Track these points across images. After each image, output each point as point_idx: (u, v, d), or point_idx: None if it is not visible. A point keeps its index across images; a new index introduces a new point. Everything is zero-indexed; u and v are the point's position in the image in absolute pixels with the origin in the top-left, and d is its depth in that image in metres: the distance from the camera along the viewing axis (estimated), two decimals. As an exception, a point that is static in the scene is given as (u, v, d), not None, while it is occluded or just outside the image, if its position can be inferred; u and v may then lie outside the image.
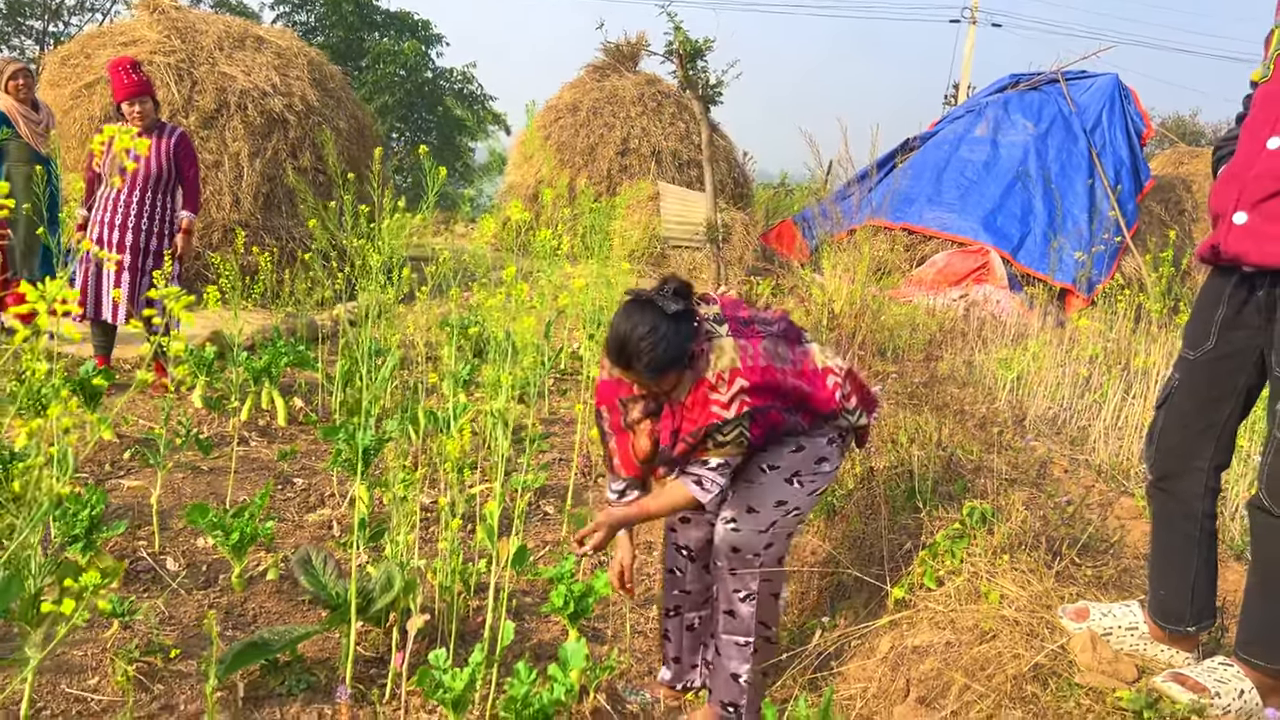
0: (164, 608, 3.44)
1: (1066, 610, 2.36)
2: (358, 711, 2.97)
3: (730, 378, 2.75)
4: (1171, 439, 2.17)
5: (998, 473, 3.65)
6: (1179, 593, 2.18)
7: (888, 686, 2.86)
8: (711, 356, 2.78)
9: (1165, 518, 2.21)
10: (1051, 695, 2.24)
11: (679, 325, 2.73)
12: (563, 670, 2.57)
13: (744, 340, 2.81)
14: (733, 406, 2.75)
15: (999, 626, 2.52)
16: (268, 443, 5.46)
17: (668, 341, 2.70)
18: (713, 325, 2.84)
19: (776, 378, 2.80)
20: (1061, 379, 5.68)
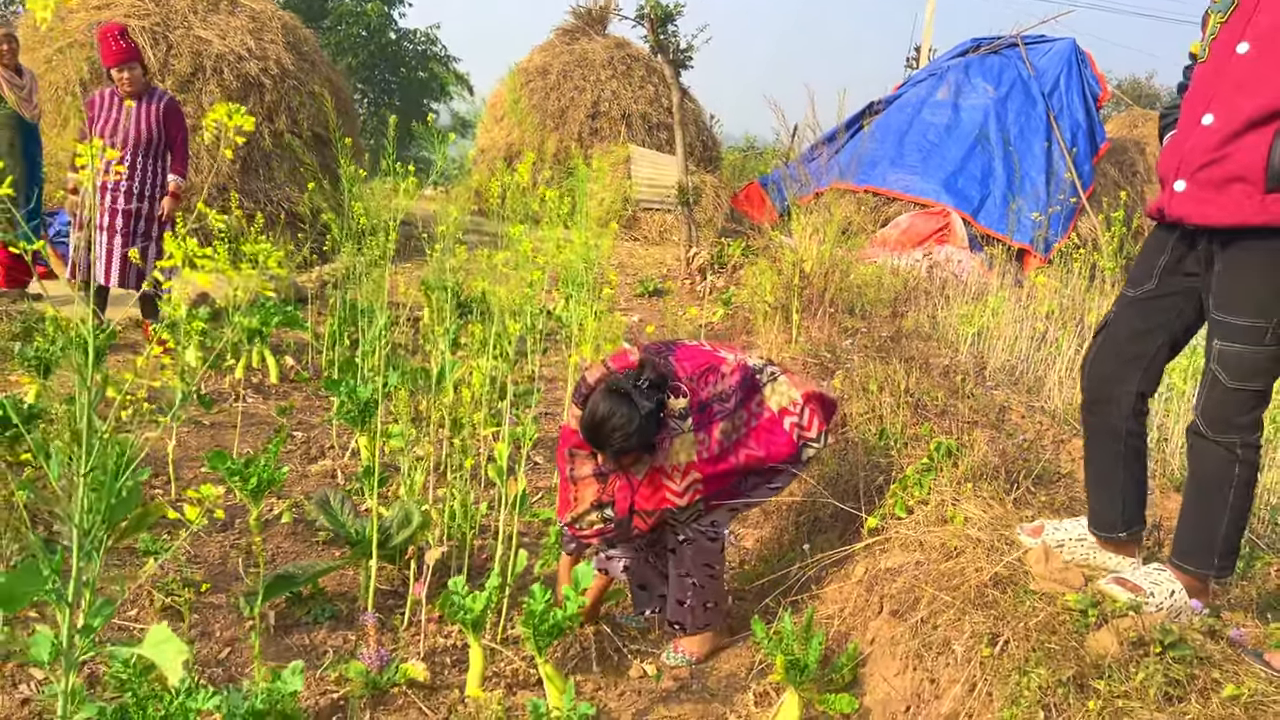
0: (189, 548, 3.67)
1: (1024, 528, 2.68)
2: (380, 636, 3.23)
3: (686, 469, 3.10)
4: (1104, 366, 2.47)
5: (961, 415, 3.96)
6: (1111, 503, 2.50)
7: (863, 605, 3.17)
8: (671, 448, 3.10)
9: (1096, 437, 2.52)
10: (1009, 600, 2.55)
11: (649, 421, 3.03)
12: (574, 590, 2.85)
13: (703, 433, 3.12)
14: (686, 495, 3.11)
15: (963, 545, 2.82)
16: (263, 399, 5.68)
17: (638, 434, 3.01)
18: (677, 421, 3.11)
19: (730, 464, 3.15)
20: (1019, 333, 6.01)
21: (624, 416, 2.99)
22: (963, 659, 2.54)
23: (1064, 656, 2.32)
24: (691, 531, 3.18)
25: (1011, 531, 2.82)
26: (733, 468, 3.14)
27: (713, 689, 3.19)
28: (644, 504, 3.13)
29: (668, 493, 3.09)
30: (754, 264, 9.11)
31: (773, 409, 3.26)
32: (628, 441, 3.02)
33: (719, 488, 3.15)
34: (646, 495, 3.12)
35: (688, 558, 3.20)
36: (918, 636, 2.73)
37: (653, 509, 3.12)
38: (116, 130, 5.94)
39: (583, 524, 3.28)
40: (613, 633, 3.41)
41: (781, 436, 3.22)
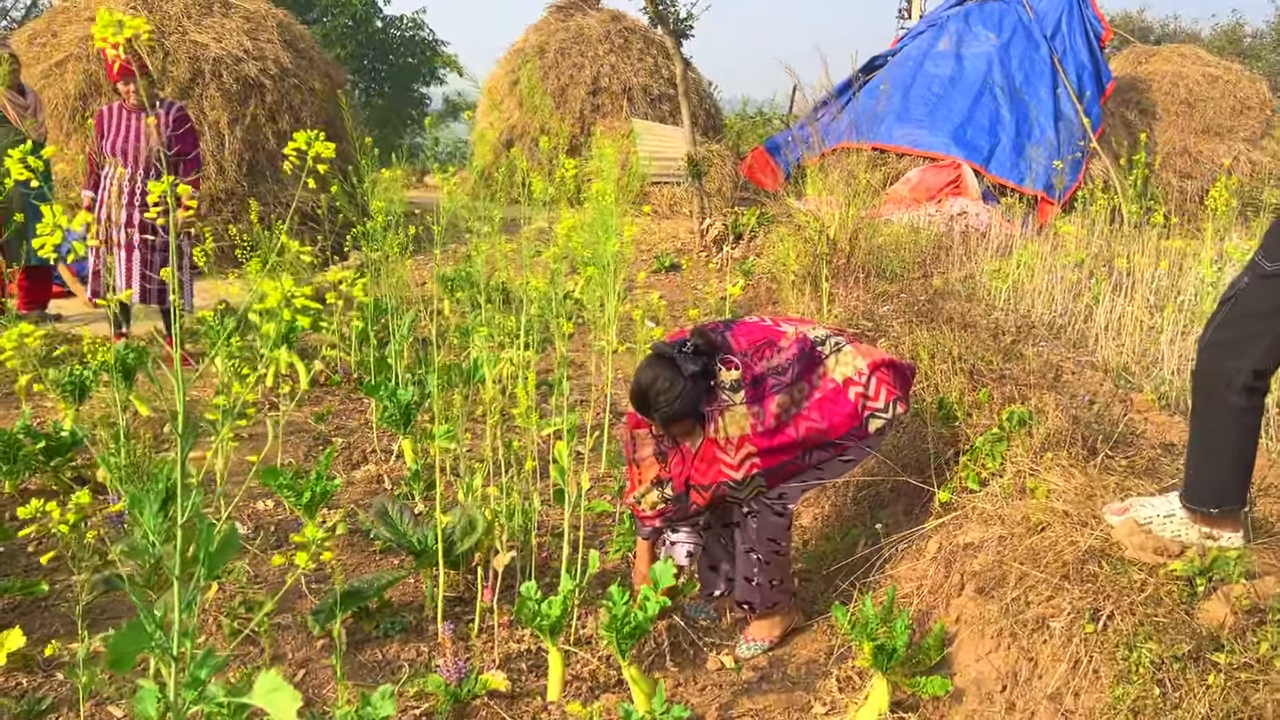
0: (249, 568, 3.62)
1: (1111, 508, 2.60)
2: (456, 646, 3.18)
3: (739, 443, 3.03)
4: (1224, 334, 2.36)
5: (1017, 379, 3.88)
6: (1209, 474, 2.40)
7: (941, 582, 3.11)
8: (722, 421, 3.04)
9: (1203, 406, 2.42)
10: (1108, 573, 2.48)
11: (695, 384, 3.02)
12: (653, 589, 2.79)
13: (757, 406, 3.05)
14: (742, 469, 3.04)
15: (1049, 518, 2.75)
16: (297, 407, 5.61)
17: (683, 399, 3.02)
18: (729, 393, 3.06)
19: (789, 437, 3.06)
20: (1053, 286, 5.92)
21: (667, 380, 3.01)
22: (1063, 636, 2.48)
23: (1175, 630, 2.25)
24: (757, 504, 3.12)
25: (1095, 502, 2.75)
26: (791, 441, 3.06)
27: (794, 677, 3.14)
28: (699, 478, 3.08)
29: (723, 466, 3.03)
30: (771, 232, 9.01)
31: (837, 380, 3.17)
32: (672, 406, 3.02)
33: (778, 462, 3.07)
34: (702, 470, 3.07)
35: (753, 531, 3.14)
36: (1009, 614, 2.67)
37: (708, 483, 3.06)
38: (128, 144, 5.85)
39: (644, 504, 3.25)
40: (685, 625, 3.36)
41: (845, 407, 3.13)
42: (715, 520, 3.37)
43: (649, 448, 3.26)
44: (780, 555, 3.20)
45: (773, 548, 3.17)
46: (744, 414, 3.04)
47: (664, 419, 3.07)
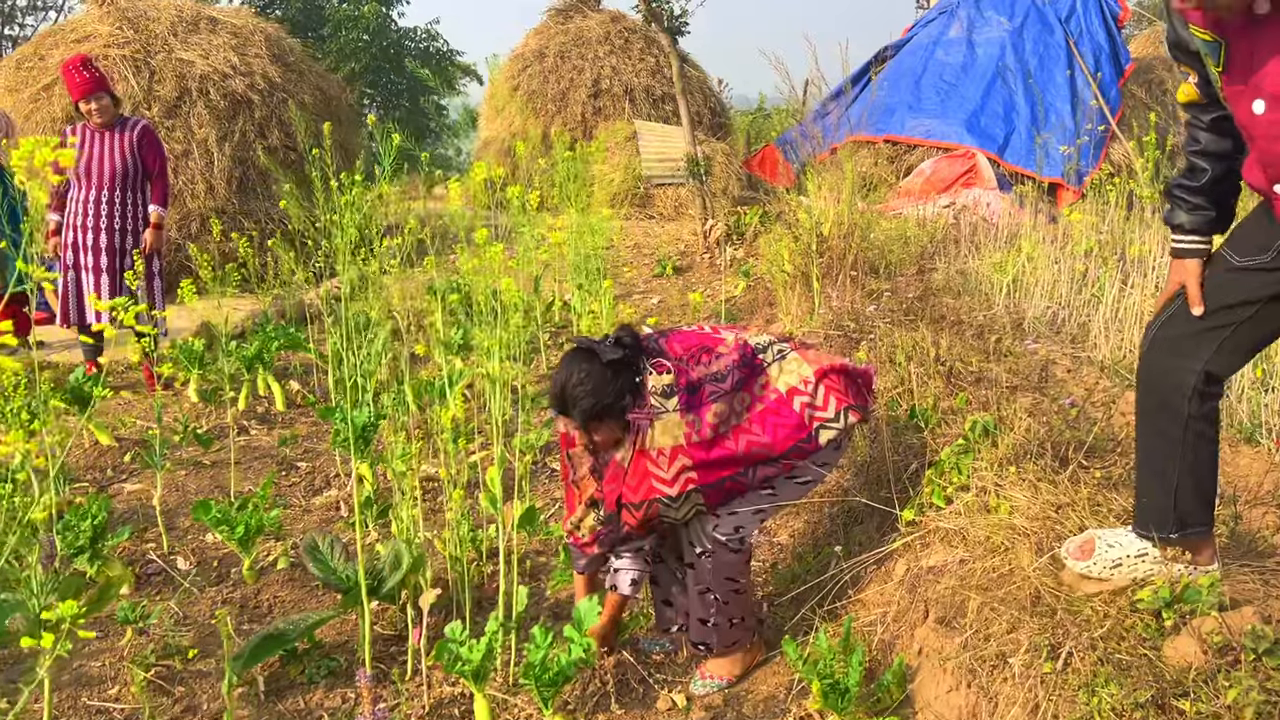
0: (178, 608, 3.42)
1: (1070, 548, 2.28)
2: (380, 691, 2.96)
3: (672, 455, 2.76)
4: (1173, 329, 2.09)
5: (999, 381, 3.61)
6: (1163, 497, 2.11)
7: (907, 609, 2.84)
8: (652, 431, 2.77)
9: (1148, 416, 2.14)
10: (1067, 604, 2.21)
11: (615, 375, 2.77)
12: (578, 630, 2.55)
13: (692, 414, 2.78)
14: (676, 484, 2.77)
15: (1010, 539, 2.49)
16: (268, 429, 5.44)
17: (601, 390, 2.75)
18: (659, 400, 2.79)
19: (728, 450, 2.78)
20: (1058, 276, 5.62)
21: (584, 371, 2.76)
22: (1021, 675, 2.21)
23: (1139, 670, 1.98)
24: (709, 541, 2.86)
25: (1065, 518, 2.48)
26: (730, 455, 2.78)
27: (749, 716, 2.88)
28: (630, 495, 2.80)
29: (654, 480, 2.76)
30: (769, 232, 8.74)
31: (780, 390, 2.90)
32: (591, 400, 2.74)
33: (717, 477, 2.79)
34: (633, 486, 2.79)
35: (707, 572, 2.88)
36: (969, 648, 2.41)
37: (640, 500, 2.78)
38: (91, 165, 5.70)
39: (582, 528, 3.00)
40: (635, 661, 3.11)
41: (790, 419, 2.86)
42: (668, 553, 3.12)
43: (586, 465, 3.01)
44: (739, 593, 2.94)
45: (731, 586, 2.91)
46: (677, 422, 2.77)
47: (583, 416, 2.77)
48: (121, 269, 5.83)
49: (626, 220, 11.19)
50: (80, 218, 5.74)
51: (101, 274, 5.79)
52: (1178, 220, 2.16)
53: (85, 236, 5.74)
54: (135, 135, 5.78)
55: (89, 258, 5.78)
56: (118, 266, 5.82)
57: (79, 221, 5.75)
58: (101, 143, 5.73)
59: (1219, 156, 2.11)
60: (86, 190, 5.70)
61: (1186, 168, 2.17)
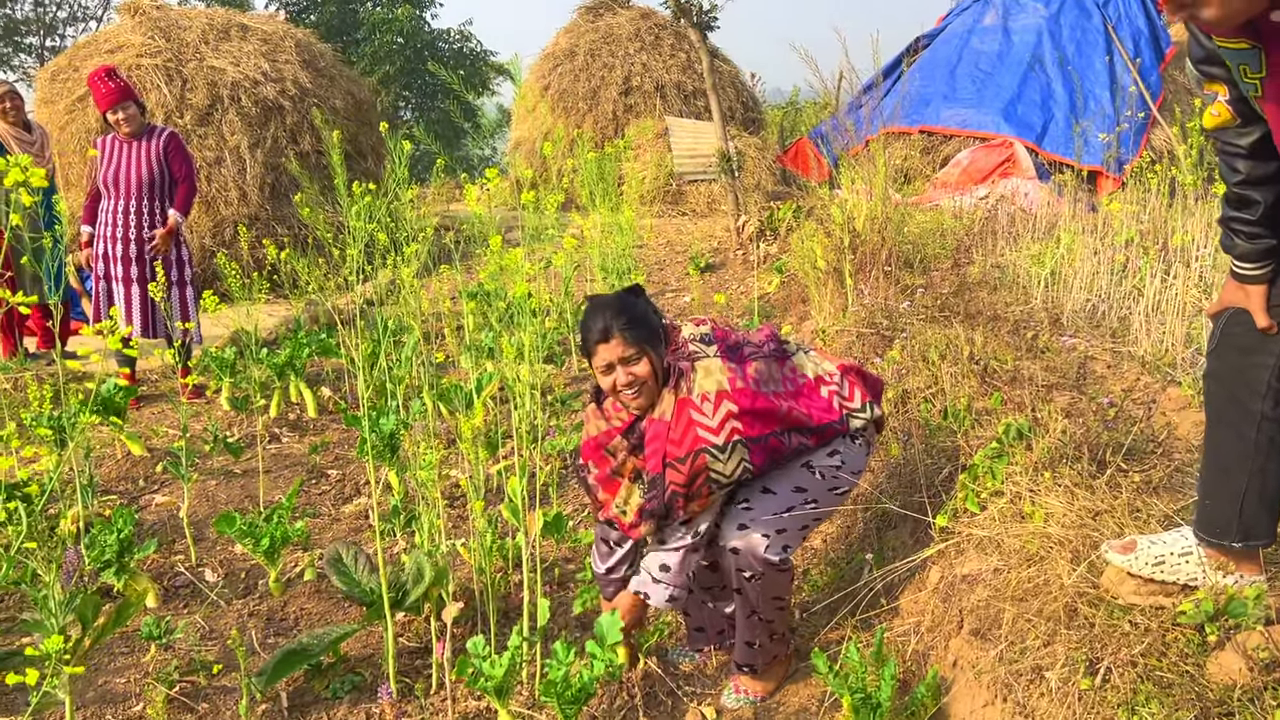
0: (203, 622, 3.41)
1: (1113, 545, 2.19)
2: (405, 706, 2.92)
3: (716, 399, 2.67)
4: (1239, 321, 1.97)
5: (1035, 380, 3.50)
6: (1227, 500, 2.01)
7: (941, 619, 2.76)
8: (695, 376, 2.70)
9: (1217, 415, 2.03)
10: (1105, 617, 2.12)
11: (641, 300, 2.81)
12: (600, 645, 2.49)
13: (734, 362, 2.73)
14: (722, 432, 2.65)
15: (1045, 548, 2.39)
16: (299, 436, 5.43)
17: (636, 307, 2.77)
18: (699, 345, 2.75)
19: (771, 404, 2.70)
20: (1097, 268, 5.47)
21: (616, 299, 2.80)
22: (1058, 691, 2.12)
23: (1181, 688, 1.89)
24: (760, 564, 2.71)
25: (1103, 525, 2.38)
26: (773, 408, 2.68)
27: (779, 730, 2.81)
28: (676, 450, 2.66)
29: (699, 428, 2.64)
30: (802, 227, 8.63)
31: (809, 376, 2.86)
32: (633, 312, 2.75)
33: (760, 432, 2.66)
34: (678, 439, 2.66)
35: (754, 595, 2.77)
36: (1004, 662, 2.32)
37: (686, 452, 2.65)
38: (119, 175, 5.72)
39: (628, 508, 2.86)
40: (663, 672, 3.05)
41: (820, 400, 2.81)
42: (696, 585, 3.03)
43: (624, 450, 2.86)
44: (783, 610, 2.85)
45: (777, 605, 2.82)
46: (720, 366, 2.69)
47: (626, 332, 2.71)
48: (152, 278, 5.85)
49: (659, 218, 11.11)
50: (109, 228, 5.76)
51: (132, 284, 5.81)
52: (1238, 251, 2.00)
53: (115, 247, 5.76)
54: (161, 143, 5.79)
55: (118, 268, 5.80)
56: (148, 276, 5.84)
57: (108, 232, 5.77)
58: (129, 153, 5.75)
59: (1267, 182, 1.95)
60: (115, 200, 5.72)
61: (1235, 200, 2.00)
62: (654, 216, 11.13)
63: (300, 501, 4.53)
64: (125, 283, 5.81)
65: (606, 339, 2.72)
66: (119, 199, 5.73)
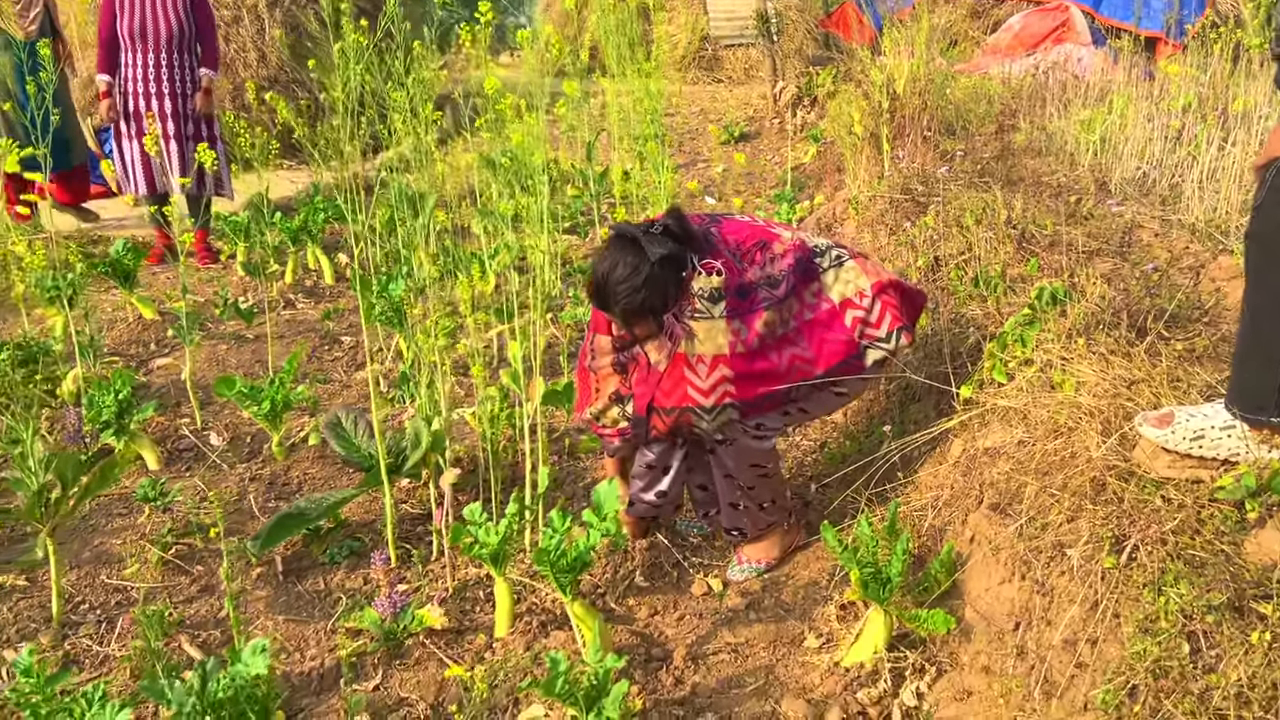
0: (203, 485, 3.34)
1: (1147, 418, 2.00)
2: (404, 572, 2.85)
3: (712, 364, 2.55)
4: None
5: (1075, 246, 3.28)
6: (1264, 369, 1.81)
7: (961, 493, 2.61)
8: (696, 338, 2.56)
9: (1257, 276, 1.83)
10: (1135, 491, 1.96)
11: (662, 271, 2.54)
12: (597, 515, 2.38)
13: (739, 322, 2.57)
14: (713, 395, 2.56)
15: (1074, 419, 2.22)
16: (315, 303, 5.31)
17: (648, 288, 2.54)
18: (705, 304, 2.57)
19: (771, 363, 2.59)
20: (1151, 135, 5.15)
21: (629, 265, 2.54)
22: (1080, 569, 1.98)
23: (1214, 568, 1.74)
24: (730, 431, 2.65)
25: (1139, 395, 2.20)
26: (773, 368, 2.58)
27: (788, 603, 2.71)
28: (664, 400, 2.60)
29: (690, 388, 2.56)
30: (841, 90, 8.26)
31: (834, 300, 2.67)
32: (635, 297, 2.54)
33: (755, 394, 2.58)
34: (668, 390, 2.59)
35: (728, 458, 2.67)
36: (1024, 538, 2.18)
37: (672, 405, 2.59)
38: (146, 26, 5.50)
39: (605, 420, 2.84)
40: (670, 545, 2.95)
41: (840, 334, 2.64)
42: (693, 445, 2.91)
43: (607, 357, 2.81)
44: (767, 477, 2.72)
45: (757, 472, 2.70)
46: (722, 329, 2.55)
47: (625, 312, 2.58)
48: (187, 135, 5.69)
49: (692, 84, 10.72)
50: (138, 84, 5.57)
51: (170, 140, 5.65)
52: None
53: (148, 104, 5.57)
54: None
55: (160, 125, 5.63)
56: (184, 132, 5.67)
57: (139, 88, 5.58)
58: (152, 3, 5.53)
59: None
60: (142, 54, 5.51)
61: None
62: (688, 83, 10.74)
63: (312, 367, 4.44)
64: (165, 139, 5.64)
65: (603, 307, 2.65)
66: (144, 52, 5.52)
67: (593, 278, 2.61)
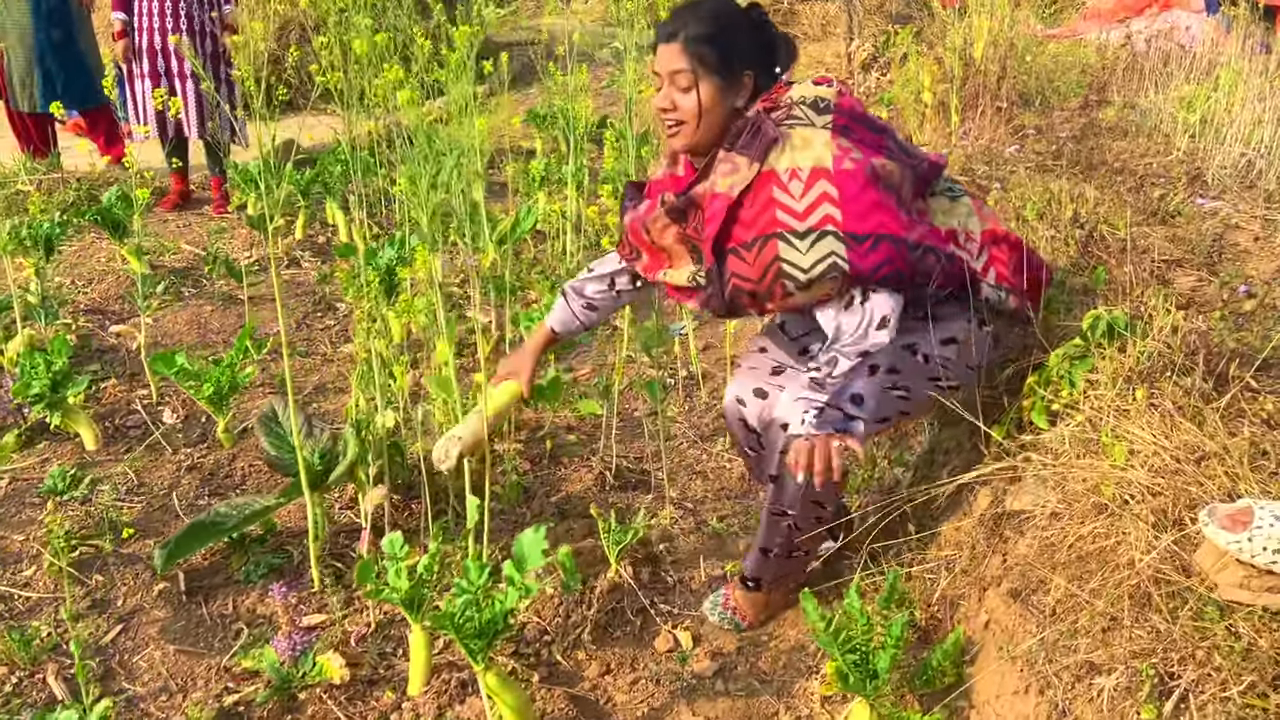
0: (133, 475, 2.98)
1: (1217, 513, 1.49)
2: (327, 598, 2.46)
3: (811, 177, 2.00)
4: None
5: (1153, 252, 2.73)
6: None
7: (981, 559, 2.13)
8: (788, 145, 2.02)
9: None
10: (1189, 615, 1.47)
11: (750, 22, 2.13)
12: (519, 568, 1.94)
13: (847, 140, 2.03)
14: (810, 217, 1.99)
15: (1124, 495, 1.72)
16: (322, 262, 4.94)
17: (732, 21, 2.08)
18: (806, 110, 2.05)
19: (879, 196, 2.01)
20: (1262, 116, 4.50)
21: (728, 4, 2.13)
22: (1111, 706, 1.50)
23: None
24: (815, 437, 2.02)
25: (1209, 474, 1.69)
26: (880, 203, 2.01)
27: (764, 673, 2.27)
28: (744, 232, 2.06)
29: (779, 209, 2.00)
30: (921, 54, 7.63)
31: (938, 226, 2.17)
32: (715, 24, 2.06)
33: (865, 228, 1.98)
34: (749, 219, 2.05)
35: (791, 490, 2.09)
36: (1045, 646, 1.69)
37: (755, 236, 2.03)
38: None
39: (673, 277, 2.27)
40: (638, 586, 2.50)
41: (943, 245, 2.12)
42: None
43: (671, 232, 2.21)
44: (821, 520, 2.20)
45: (815, 513, 2.15)
46: (826, 140, 2.02)
47: (695, 41, 2.04)
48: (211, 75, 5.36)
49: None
50: (157, 20, 5.24)
51: (186, 80, 5.32)
52: None
53: (164, 40, 5.25)
54: None
55: (166, 64, 5.31)
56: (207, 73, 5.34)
57: (156, 24, 5.26)
58: None
59: None
60: None
61: None
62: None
63: (300, 336, 4.08)
64: (182, 78, 5.32)
65: (670, 39, 2.08)
66: None
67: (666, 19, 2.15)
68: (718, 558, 2.65)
